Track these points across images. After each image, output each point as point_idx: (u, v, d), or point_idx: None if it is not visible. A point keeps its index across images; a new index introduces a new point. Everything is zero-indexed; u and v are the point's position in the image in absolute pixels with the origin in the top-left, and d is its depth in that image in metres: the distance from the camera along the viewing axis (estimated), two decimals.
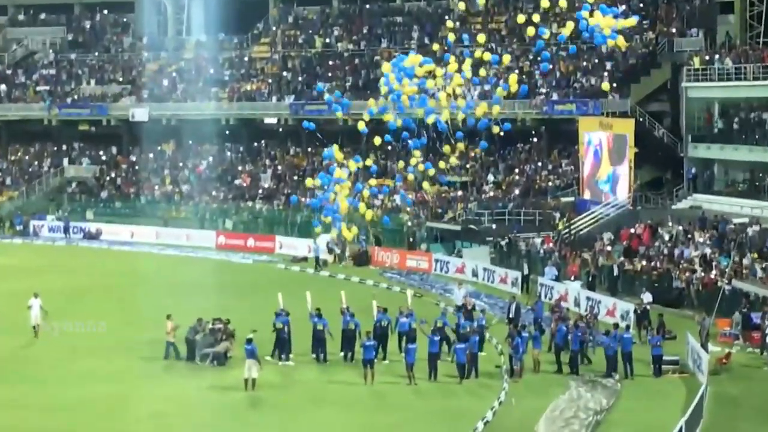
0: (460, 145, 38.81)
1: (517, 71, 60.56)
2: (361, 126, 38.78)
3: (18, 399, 28.22)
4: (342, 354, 31.92)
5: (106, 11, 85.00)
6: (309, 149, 68.40)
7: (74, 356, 32.96)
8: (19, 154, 77.64)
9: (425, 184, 44.67)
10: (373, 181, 48.83)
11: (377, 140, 39.97)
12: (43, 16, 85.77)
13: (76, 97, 76.88)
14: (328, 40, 72.51)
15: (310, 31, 73.31)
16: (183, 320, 33.40)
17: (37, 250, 60.24)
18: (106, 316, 37.02)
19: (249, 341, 29.75)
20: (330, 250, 54.33)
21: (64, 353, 33.23)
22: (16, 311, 38.52)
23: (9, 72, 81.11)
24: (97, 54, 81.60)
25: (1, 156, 78.33)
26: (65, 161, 75.44)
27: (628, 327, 34.17)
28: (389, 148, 54.57)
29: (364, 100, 52.53)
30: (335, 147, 37.32)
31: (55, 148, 77.08)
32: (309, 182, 42.14)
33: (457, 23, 71.56)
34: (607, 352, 31.03)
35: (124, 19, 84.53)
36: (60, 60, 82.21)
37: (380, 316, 33.25)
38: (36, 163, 76.17)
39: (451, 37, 45.53)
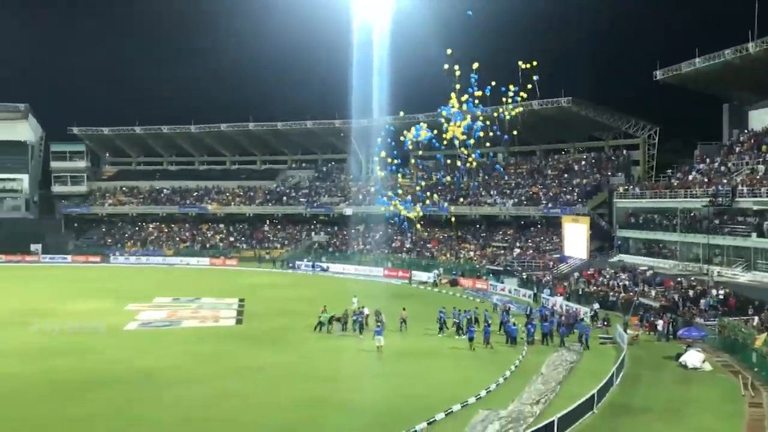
0: None
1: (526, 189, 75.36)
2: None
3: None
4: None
5: (333, 162, 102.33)
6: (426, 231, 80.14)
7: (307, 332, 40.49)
8: (290, 230, 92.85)
9: None
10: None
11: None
12: (304, 165, 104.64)
13: (317, 203, 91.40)
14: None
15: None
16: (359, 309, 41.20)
17: (298, 276, 72.59)
18: (317, 309, 43.21)
19: (378, 326, 36.55)
20: (437, 279, 65.38)
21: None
22: (302, 305, 49.12)
23: (288, 191, 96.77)
24: (327, 183, 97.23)
25: (281, 229, 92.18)
26: (312, 234, 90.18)
27: (580, 320, 41.36)
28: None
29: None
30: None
31: (308, 227, 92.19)
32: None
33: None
34: (580, 333, 37.90)
35: (341, 164, 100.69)
36: (311, 186, 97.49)
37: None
38: (298, 234, 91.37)
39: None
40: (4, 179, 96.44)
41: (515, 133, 36.46)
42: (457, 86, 33.81)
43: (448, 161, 41.06)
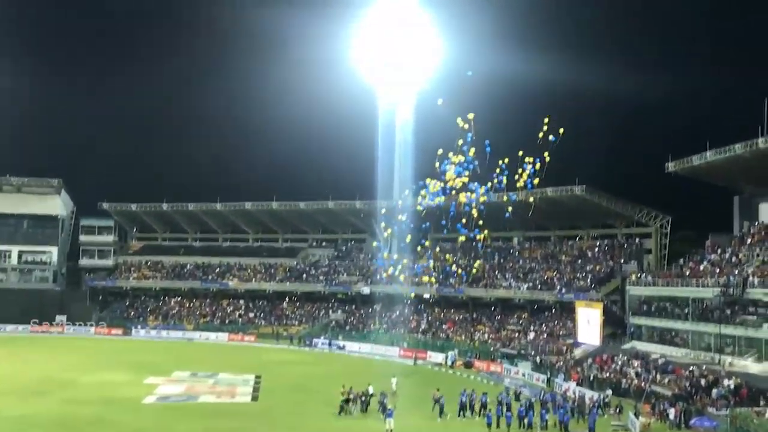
0: None
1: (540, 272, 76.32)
2: None
3: None
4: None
5: (352, 242, 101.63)
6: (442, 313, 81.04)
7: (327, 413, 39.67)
8: (308, 308, 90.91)
9: None
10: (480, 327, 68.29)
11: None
12: (324, 243, 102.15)
13: (336, 281, 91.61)
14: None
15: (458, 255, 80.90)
16: (377, 390, 40.91)
17: (315, 354, 72.84)
18: (332, 387, 43.97)
19: (389, 409, 36.24)
20: (453, 361, 65.15)
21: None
22: (317, 383, 49.86)
23: (307, 269, 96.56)
24: (347, 261, 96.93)
25: (300, 306, 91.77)
26: (330, 312, 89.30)
27: (597, 407, 41.19)
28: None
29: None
30: None
31: (326, 305, 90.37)
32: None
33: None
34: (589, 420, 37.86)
35: (361, 244, 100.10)
36: (330, 264, 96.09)
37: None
38: (316, 312, 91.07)
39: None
40: (35, 251, 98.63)
41: (531, 200, 37.13)
42: (460, 142, 33.16)
43: (463, 235, 37.49)
